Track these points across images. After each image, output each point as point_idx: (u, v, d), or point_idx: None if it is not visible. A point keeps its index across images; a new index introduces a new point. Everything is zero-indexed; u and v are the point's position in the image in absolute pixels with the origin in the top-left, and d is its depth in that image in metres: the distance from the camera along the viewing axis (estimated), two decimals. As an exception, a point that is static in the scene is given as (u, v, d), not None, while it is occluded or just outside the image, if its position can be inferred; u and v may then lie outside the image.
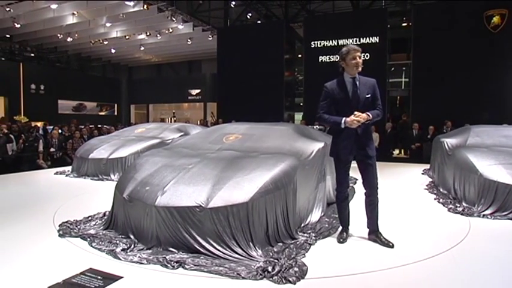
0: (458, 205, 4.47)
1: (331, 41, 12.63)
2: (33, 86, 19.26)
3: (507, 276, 2.57)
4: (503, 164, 4.34)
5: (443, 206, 4.59)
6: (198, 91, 23.03)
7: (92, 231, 3.36)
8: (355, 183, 5.63)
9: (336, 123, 3.06)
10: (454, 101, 10.68)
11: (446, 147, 5.73)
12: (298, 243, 3.02)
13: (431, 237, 3.40)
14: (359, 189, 3.26)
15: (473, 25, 10.78)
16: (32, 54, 21.10)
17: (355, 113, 2.97)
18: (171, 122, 21.38)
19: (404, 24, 15.12)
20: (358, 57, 3.04)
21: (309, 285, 2.38)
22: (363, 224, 3.27)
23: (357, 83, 3.09)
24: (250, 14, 16.24)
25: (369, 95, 3.08)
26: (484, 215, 4.05)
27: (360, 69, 3.06)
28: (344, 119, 3.00)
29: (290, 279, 2.41)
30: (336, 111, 3.10)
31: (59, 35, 17.14)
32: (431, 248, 3.03)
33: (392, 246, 3.03)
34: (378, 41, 11.83)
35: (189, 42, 18.20)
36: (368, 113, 2.99)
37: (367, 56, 11.78)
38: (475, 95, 10.59)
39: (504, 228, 3.67)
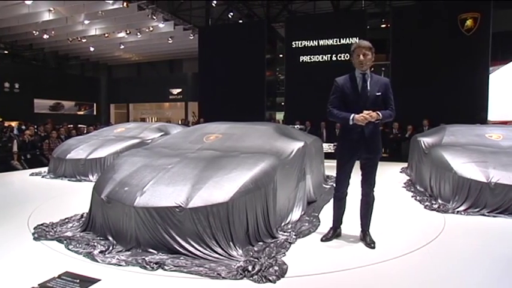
0: (434, 202, 4.60)
1: (312, 41, 12.74)
2: (7, 84, 18.62)
3: (480, 269, 2.67)
4: (476, 162, 4.49)
5: (420, 203, 4.72)
6: (179, 90, 22.83)
7: (69, 234, 3.28)
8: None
9: (344, 119, 2.95)
10: (431, 101, 10.96)
11: (423, 146, 5.89)
12: (278, 242, 3.04)
13: (409, 233, 3.49)
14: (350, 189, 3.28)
15: (448, 27, 11.11)
16: (6, 52, 20.39)
17: (365, 111, 2.87)
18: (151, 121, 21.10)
19: (383, 26, 15.43)
20: (362, 55, 2.96)
21: (288, 284, 2.40)
22: (344, 223, 3.32)
23: (368, 79, 3.00)
24: (231, 14, 16.21)
25: (380, 93, 2.98)
26: (458, 212, 4.19)
27: (365, 67, 2.97)
28: (353, 115, 2.89)
29: (270, 278, 2.42)
30: (345, 107, 3.00)
31: (34, 32, 16.64)
32: (408, 244, 3.10)
33: (373, 248, 3.02)
34: (357, 41, 11.99)
35: (170, 41, 18.03)
36: (378, 112, 2.90)
37: (346, 56, 11.97)
38: (450, 95, 10.89)
39: (477, 224, 3.80)
